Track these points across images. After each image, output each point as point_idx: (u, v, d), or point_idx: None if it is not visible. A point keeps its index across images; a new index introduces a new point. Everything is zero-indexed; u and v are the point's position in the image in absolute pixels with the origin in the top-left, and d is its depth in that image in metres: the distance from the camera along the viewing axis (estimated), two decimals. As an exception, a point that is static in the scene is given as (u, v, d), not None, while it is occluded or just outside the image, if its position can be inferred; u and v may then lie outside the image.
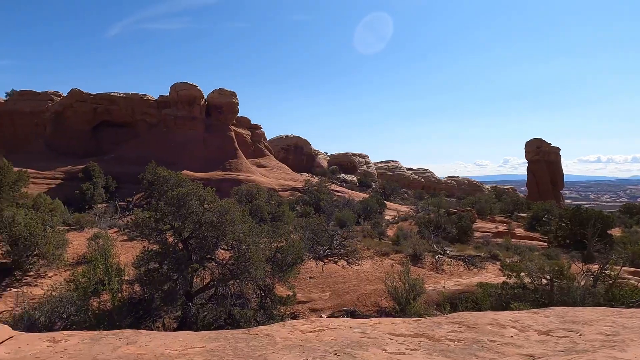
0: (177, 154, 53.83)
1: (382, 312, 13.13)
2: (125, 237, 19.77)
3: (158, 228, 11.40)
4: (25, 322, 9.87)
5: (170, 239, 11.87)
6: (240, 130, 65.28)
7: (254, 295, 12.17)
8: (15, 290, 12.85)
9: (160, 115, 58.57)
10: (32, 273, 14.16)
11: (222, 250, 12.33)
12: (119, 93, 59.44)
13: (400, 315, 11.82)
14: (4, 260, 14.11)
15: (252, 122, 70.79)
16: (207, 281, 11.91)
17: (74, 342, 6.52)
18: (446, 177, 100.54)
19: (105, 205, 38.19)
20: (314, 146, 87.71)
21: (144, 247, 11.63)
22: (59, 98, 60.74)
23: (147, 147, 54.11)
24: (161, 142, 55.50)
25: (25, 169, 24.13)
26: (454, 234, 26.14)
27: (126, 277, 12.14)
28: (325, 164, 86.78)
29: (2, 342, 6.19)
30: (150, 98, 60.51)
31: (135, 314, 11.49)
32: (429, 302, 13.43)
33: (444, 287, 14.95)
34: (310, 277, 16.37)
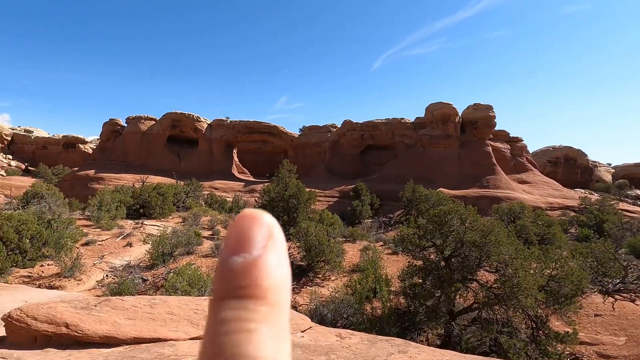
0: (433, 172, 55.17)
1: None
2: (389, 251, 21.50)
3: (421, 244, 11.91)
4: (318, 316, 12.00)
5: (433, 256, 12.18)
6: (497, 144, 61.49)
7: (524, 326, 11.03)
8: (310, 288, 15.81)
9: (416, 135, 61.59)
10: (320, 276, 17.13)
11: (485, 272, 11.79)
12: (381, 119, 65.86)
13: None
14: (302, 263, 17.63)
15: (511, 135, 65.58)
16: (471, 302, 11.57)
17: (355, 340, 7.46)
18: None
19: (371, 220, 42.58)
20: (592, 157, 73.46)
21: (409, 261, 12.34)
22: (334, 129, 72.18)
23: (405, 167, 57.77)
24: (418, 161, 58.13)
25: (313, 189, 29.65)
26: None
27: (393, 288, 13.15)
28: (608, 177, 71.37)
29: (304, 330, 7.70)
30: (407, 121, 64.55)
31: (401, 324, 12.26)
32: None
33: None
34: (596, 315, 13.61)
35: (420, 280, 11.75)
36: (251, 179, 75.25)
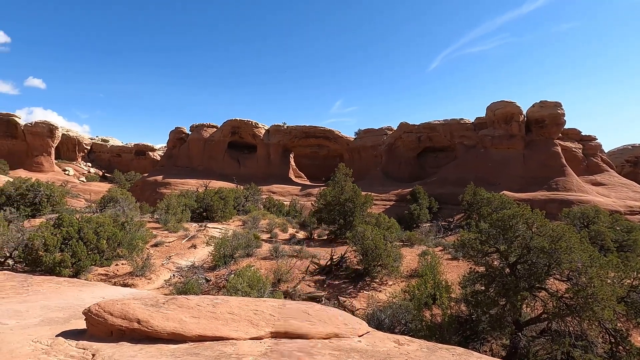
0: (496, 174, 52.65)
1: None
2: (449, 256, 20.79)
3: (483, 250, 11.40)
4: (375, 321, 11.88)
5: (496, 262, 11.61)
6: (567, 144, 57.45)
7: (601, 340, 10.18)
8: (367, 292, 15.68)
9: (477, 136, 59.17)
10: (377, 280, 16.94)
11: (555, 280, 11.03)
12: (439, 120, 64.03)
13: None
14: (358, 267, 17.55)
15: (583, 134, 61.04)
16: (539, 313, 10.88)
17: (413, 347, 7.27)
18: None
19: (429, 224, 41.47)
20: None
21: (470, 268, 11.85)
22: (390, 132, 71.26)
23: (465, 169, 55.66)
24: (479, 163, 55.78)
25: (369, 193, 29.46)
26: None
27: (453, 295, 12.68)
28: (701, 177, 64.05)
29: (362, 335, 7.63)
30: (467, 121, 62.23)
31: (462, 333, 11.79)
32: None
33: None
34: (687, 331, 12.22)
35: (483, 288, 11.24)
36: (307, 182, 76.23)
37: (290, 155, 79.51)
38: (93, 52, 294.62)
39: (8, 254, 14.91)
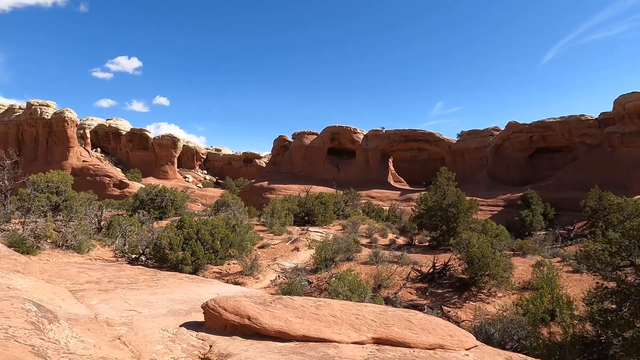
0: (626, 177, 45.87)
1: None
2: (570, 268, 18.65)
3: (613, 263, 10.00)
4: (483, 335, 11.12)
5: (630, 278, 10.10)
6: None
7: None
8: (473, 303, 14.78)
9: (602, 134, 52.29)
10: (484, 291, 15.87)
11: None
12: (554, 118, 58.04)
13: None
14: (463, 276, 16.63)
15: None
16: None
17: (529, 368, 6.64)
18: None
19: (544, 232, 37.70)
20: None
21: (597, 282, 10.48)
22: (497, 132, 66.53)
23: (587, 171, 49.49)
24: (604, 164, 49.18)
25: (474, 198, 27.79)
26: None
27: (576, 312, 11.33)
28: None
29: (469, 348, 7.19)
30: (589, 117, 55.40)
31: (588, 356, 10.47)
32: None
33: None
34: None
35: (614, 306, 9.84)
36: (407, 187, 74.65)
37: (389, 159, 78.68)
38: (208, 72, 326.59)
39: (142, 251, 17.08)
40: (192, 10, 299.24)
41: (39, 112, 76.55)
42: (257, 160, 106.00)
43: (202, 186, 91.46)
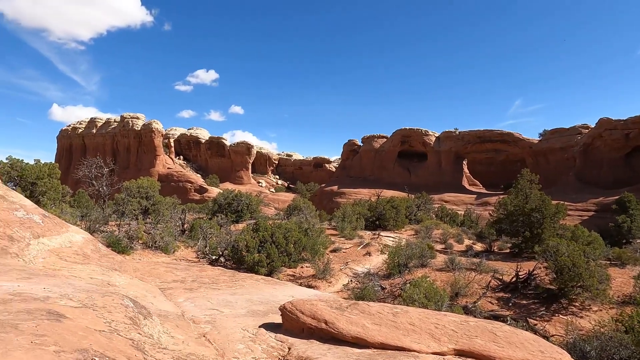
0: None
1: None
2: (681, 282, 16.41)
3: None
4: (577, 352, 10.12)
5: None
6: None
7: None
8: (563, 317, 13.55)
9: None
10: (576, 304, 14.48)
11: None
12: (656, 112, 51.77)
13: None
14: (551, 287, 15.32)
15: None
16: None
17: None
18: None
19: (646, 240, 33.62)
20: None
21: None
22: (586, 130, 60.96)
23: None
24: None
25: (561, 202, 25.57)
26: None
27: (692, 333, 9.88)
28: None
29: (562, 365, 6.57)
30: (700, 110, 48.67)
31: None
32: None
33: None
34: None
35: None
36: (483, 190, 70.97)
37: (463, 162, 75.42)
38: (280, 80, 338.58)
39: (221, 253, 17.98)
40: (263, 23, 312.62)
41: (131, 124, 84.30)
42: (327, 165, 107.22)
43: (274, 191, 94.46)
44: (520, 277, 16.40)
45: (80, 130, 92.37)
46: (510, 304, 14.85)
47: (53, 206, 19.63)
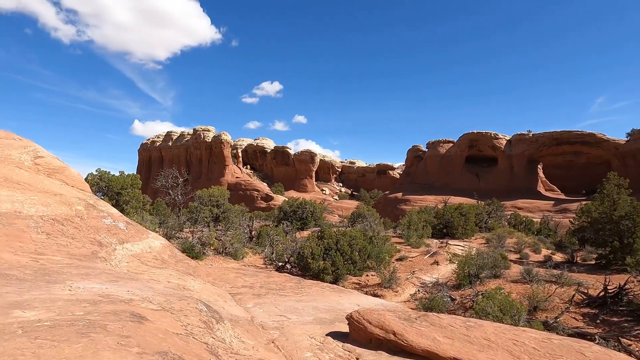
0: None
1: None
2: None
3: None
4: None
5: None
6: None
7: None
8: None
9: None
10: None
11: None
12: None
13: None
14: (647, 303, 13.72)
15: None
16: None
17: None
18: None
19: None
20: None
21: None
22: (685, 127, 54.39)
23: None
24: None
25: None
26: None
27: None
28: None
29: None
30: None
31: None
32: None
33: None
34: None
35: None
36: (562, 196, 65.85)
37: (538, 166, 70.62)
38: (341, 88, 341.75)
39: (287, 259, 18.31)
40: (324, 35, 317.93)
41: (202, 137, 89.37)
42: (390, 172, 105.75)
43: (338, 198, 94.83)
44: (610, 291, 14.88)
45: (157, 144, 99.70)
46: (598, 321, 13.51)
47: (135, 214, 21.24)
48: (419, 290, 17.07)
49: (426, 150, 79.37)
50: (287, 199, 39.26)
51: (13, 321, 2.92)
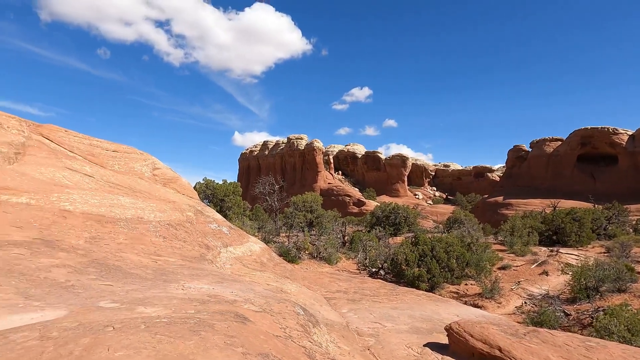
0: None
1: None
2: None
3: None
4: None
5: None
6: None
7: None
8: None
9: None
10: None
11: None
12: None
13: None
14: None
15: None
16: None
17: None
18: None
19: None
20: None
21: None
22: None
23: None
24: None
25: None
26: None
27: None
28: None
29: None
30: None
31: None
32: None
33: None
34: None
35: None
36: None
37: (672, 163, 60.79)
38: (432, 90, 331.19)
39: (380, 265, 18.11)
40: (411, 38, 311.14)
41: (296, 145, 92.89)
42: (488, 174, 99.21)
43: (432, 203, 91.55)
44: None
45: (255, 153, 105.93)
46: None
47: (236, 219, 22.75)
48: (525, 302, 15.67)
49: (530, 150, 72.95)
50: (379, 204, 38.92)
51: (137, 316, 3.27)
